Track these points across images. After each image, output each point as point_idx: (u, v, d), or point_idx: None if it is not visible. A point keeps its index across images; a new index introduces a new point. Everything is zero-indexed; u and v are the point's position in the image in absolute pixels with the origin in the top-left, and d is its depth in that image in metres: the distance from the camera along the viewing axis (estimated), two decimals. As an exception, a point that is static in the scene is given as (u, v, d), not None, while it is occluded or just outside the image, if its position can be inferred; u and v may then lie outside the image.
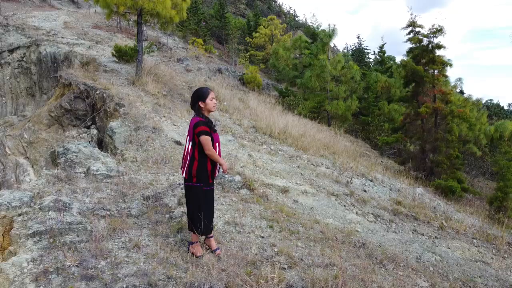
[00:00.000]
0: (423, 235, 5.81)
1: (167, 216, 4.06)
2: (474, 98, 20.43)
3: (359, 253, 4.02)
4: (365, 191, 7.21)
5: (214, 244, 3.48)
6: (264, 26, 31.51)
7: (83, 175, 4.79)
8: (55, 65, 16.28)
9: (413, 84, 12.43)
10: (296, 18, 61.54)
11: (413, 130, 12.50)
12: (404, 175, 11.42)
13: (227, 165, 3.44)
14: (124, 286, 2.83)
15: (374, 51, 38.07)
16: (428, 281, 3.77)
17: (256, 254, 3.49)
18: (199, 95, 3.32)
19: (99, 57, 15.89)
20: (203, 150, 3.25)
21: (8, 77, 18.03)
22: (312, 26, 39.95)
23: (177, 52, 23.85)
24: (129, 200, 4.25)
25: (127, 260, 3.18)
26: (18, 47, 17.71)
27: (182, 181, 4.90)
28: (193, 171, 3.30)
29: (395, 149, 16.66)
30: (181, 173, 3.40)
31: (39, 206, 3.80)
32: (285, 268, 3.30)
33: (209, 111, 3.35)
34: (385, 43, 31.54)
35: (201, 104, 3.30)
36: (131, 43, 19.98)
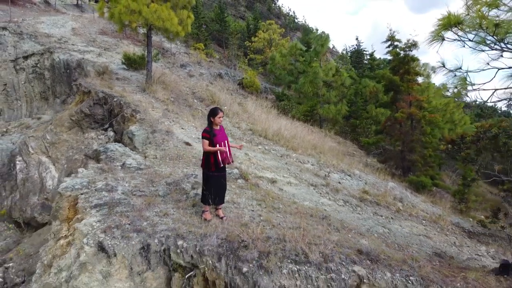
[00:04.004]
0: (381, 216, 7.39)
1: (185, 196, 5.64)
2: (455, 101, 22.04)
3: (322, 222, 5.60)
4: (339, 183, 8.79)
5: (221, 213, 5.10)
6: (263, 31, 32.99)
7: (120, 167, 6.35)
8: (67, 71, 17.79)
9: (392, 92, 14.01)
10: (296, 20, 62.92)
11: (392, 132, 14.09)
12: (383, 172, 12.99)
13: (224, 149, 4.87)
14: (162, 235, 4.42)
15: (372, 53, 39.82)
16: (368, 241, 5.33)
17: (247, 220, 5.06)
18: (212, 113, 4.99)
19: (109, 64, 17.38)
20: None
21: (23, 82, 19.53)
22: (311, 28, 41.46)
23: (180, 57, 25.31)
24: (156, 185, 5.83)
25: (160, 222, 4.76)
26: (33, 54, 19.17)
27: (194, 172, 6.52)
28: (202, 161, 5.05)
29: (381, 149, 18.25)
30: None
31: (94, 188, 5.38)
32: (266, 228, 4.88)
33: (216, 124, 4.98)
34: (374, 51, 33.57)
35: (211, 119, 4.96)
36: (137, 49, 21.47)
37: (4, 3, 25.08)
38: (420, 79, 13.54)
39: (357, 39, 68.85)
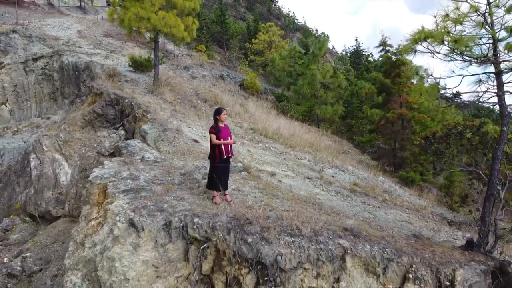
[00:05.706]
0: (369, 205, 8.32)
1: (197, 185, 6.57)
2: (444, 103, 23.09)
3: (314, 207, 6.53)
4: (333, 176, 9.72)
5: (228, 198, 6.03)
6: (263, 33, 33.79)
7: (139, 160, 7.27)
8: (76, 73, 18.57)
9: (384, 94, 14.94)
10: (296, 21, 63.63)
11: (385, 132, 15.03)
12: (375, 168, 13.91)
13: (231, 141, 5.85)
14: (180, 214, 5.35)
15: (371, 53, 40.94)
16: (353, 222, 6.25)
17: (251, 203, 5.99)
18: (217, 112, 5.94)
19: (116, 67, 18.16)
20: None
21: (32, 83, 20.30)
22: (311, 29, 42.37)
23: (183, 59, 26.08)
24: (172, 175, 6.76)
25: (178, 204, 5.68)
26: (42, 56, 19.93)
27: (203, 165, 7.45)
28: (210, 154, 5.93)
29: (375, 148, 19.17)
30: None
31: (120, 177, 6.31)
32: (267, 209, 5.80)
33: (222, 121, 5.91)
34: (371, 53, 35.03)
35: (217, 117, 5.90)
36: (142, 52, 22.26)
37: (11, 5, 25.85)
38: (414, 81, 14.47)
39: (356, 40, 69.93)
